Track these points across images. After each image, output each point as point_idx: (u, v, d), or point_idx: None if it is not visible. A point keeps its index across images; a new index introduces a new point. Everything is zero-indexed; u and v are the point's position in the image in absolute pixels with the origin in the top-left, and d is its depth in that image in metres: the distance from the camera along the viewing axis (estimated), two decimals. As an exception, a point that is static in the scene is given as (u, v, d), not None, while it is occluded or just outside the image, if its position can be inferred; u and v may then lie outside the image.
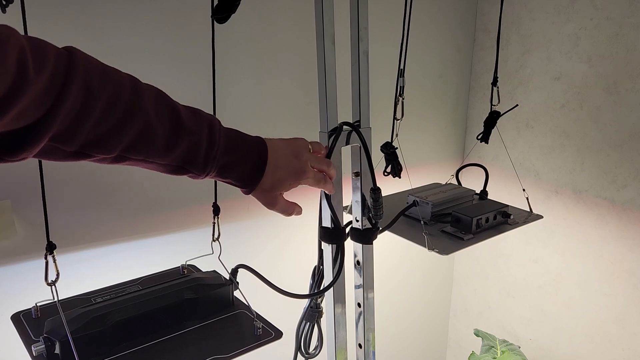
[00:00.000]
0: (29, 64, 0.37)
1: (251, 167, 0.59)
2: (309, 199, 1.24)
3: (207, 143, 0.54)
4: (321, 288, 0.83)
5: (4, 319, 0.78)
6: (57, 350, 0.66)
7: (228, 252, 0.89)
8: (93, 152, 0.46)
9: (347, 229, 0.79)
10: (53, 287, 0.66)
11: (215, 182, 0.83)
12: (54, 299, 0.65)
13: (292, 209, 0.65)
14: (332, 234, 0.77)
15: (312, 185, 0.65)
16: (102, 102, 0.44)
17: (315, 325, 0.89)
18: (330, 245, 0.78)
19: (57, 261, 0.67)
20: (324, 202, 0.77)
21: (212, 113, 0.81)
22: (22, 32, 0.62)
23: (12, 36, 0.36)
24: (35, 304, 0.77)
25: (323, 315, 0.88)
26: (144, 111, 0.48)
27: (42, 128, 0.40)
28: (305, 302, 0.90)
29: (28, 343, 0.68)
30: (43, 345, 0.66)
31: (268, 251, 1.22)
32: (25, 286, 0.89)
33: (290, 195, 0.64)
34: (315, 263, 0.86)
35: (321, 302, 0.89)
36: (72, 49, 0.43)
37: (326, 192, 0.72)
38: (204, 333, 0.74)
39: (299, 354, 0.90)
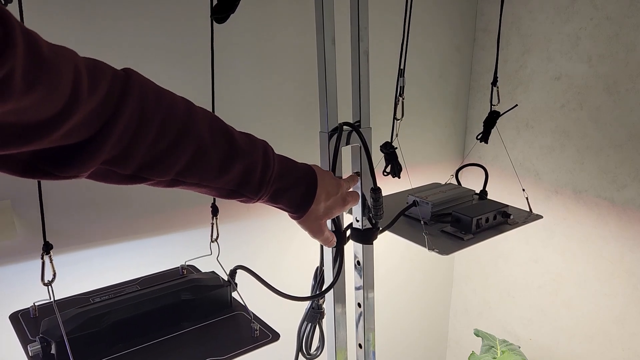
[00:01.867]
0: (83, 84, 0.38)
1: (303, 192, 0.59)
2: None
3: (262, 166, 0.54)
4: (323, 289, 0.83)
5: (3, 318, 0.78)
6: (53, 351, 0.66)
7: (229, 252, 0.89)
8: (148, 175, 0.46)
9: (348, 232, 0.79)
10: (49, 287, 0.65)
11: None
12: (50, 299, 0.65)
13: (333, 239, 0.68)
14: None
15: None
16: (157, 124, 0.44)
17: (317, 326, 0.89)
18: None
19: (55, 261, 0.67)
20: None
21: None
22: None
23: (70, 57, 0.37)
24: (33, 304, 0.77)
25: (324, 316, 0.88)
26: (198, 133, 0.48)
27: (94, 147, 0.40)
28: (305, 303, 0.90)
29: (25, 343, 0.68)
30: (39, 346, 0.65)
31: (269, 252, 1.22)
32: (25, 286, 0.89)
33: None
34: (316, 264, 0.86)
35: (323, 303, 0.88)
36: (129, 71, 0.44)
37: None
38: (201, 334, 0.74)
39: (300, 354, 0.90)
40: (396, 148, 1.04)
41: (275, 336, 0.74)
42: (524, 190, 1.13)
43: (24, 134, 0.35)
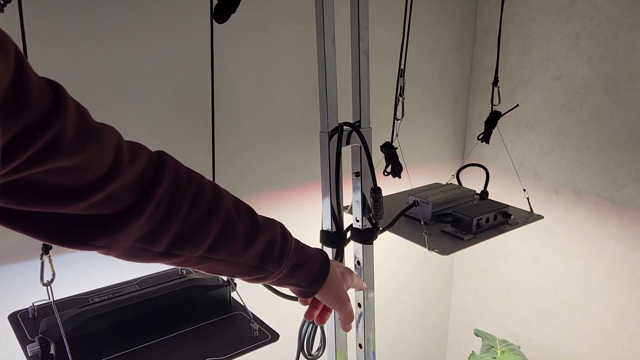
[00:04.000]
0: (124, 155, 0.41)
1: (320, 264, 0.61)
2: (310, 198, 1.24)
3: (281, 240, 0.57)
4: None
5: (3, 319, 0.78)
6: (52, 351, 0.66)
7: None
8: (180, 250, 0.48)
9: (348, 234, 0.79)
10: (49, 287, 0.65)
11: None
12: (49, 299, 0.65)
13: (353, 317, 0.69)
14: (332, 238, 0.77)
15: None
16: (189, 198, 0.47)
17: (318, 326, 0.89)
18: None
19: (55, 261, 0.67)
20: (326, 205, 0.77)
21: (211, 113, 0.80)
22: (19, 31, 0.62)
23: (114, 130, 0.42)
24: (32, 304, 0.77)
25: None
26: (225, 208, 0.51)
27: (130, 217, 0.43)
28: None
29: (24, 343, 0.68)
30: (38, 346, 0.65)
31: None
32: (24, 286, 0.89)
33: (289, 194, 0.64)
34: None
35: (323, 303, 0.88)
36: (163, 153, 0.48)
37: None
38: (200, 334, 0.74)
39: (301, 355, 0.89)
40: (396, 148, 1.03)
41: (274, 336, 0.74)
42: (524, 190, 1.13)
43: (69, 194, 0.38)
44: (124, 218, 0.42)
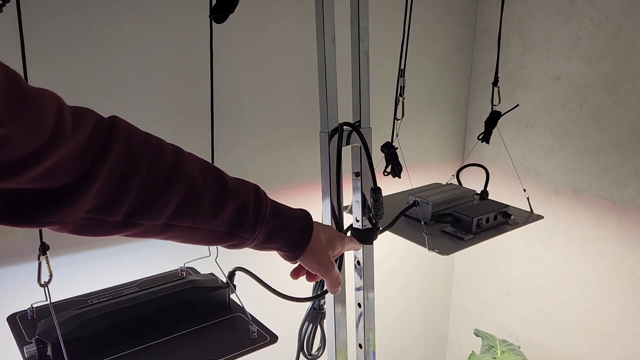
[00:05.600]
0: (67, 121, 0.37)
1: (300, 228, 0.58)
2: (310, 198, 1.23)
3: (255, 204, 0.54)
4: (324, 289, 0.83)
5: (2, 320, 0.77)
6: (49, 352, 0.65)
7: (228, 254, 0.88)
8: (139, 219, 0.45)
9: (348, 234, 0.78)
10: (46, 288, 0.65)
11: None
12: (47, 300, 0.64)
13: (339, 281, 0.66)
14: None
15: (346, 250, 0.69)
16: (145, 165, 0.44)
17: (318, 327, 0.89)
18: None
19: (54, 263, 0.67)
20: (326, 205, 0.76)
21: (210, 114, 0.80)
22: (18, 32, 0.61)
23: (54, 95, 0.37)
24: (31, 305, 0.77)
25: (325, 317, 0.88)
26: (188, 173, 0.48)
27: (79, 190, 0.39)
28: (306, 305, 0.90)
29: (21, 345, 0.68)
30: (35, 347, 0.65)
31: (269, 253, 1.21)
32: (23, 287, 0.88)
33: (289, 194, 0.64)
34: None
35: (324, 303, 0.88)
36: (115, 117, 0.44)
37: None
38: (198, 336, 0.74)
39: (301, 355, 0.89)
40: (396, 148, 1.03)
41: (273, 338, 0.74)
42: (524, 190, 1.13)
43: (7, 167, 0.34)
44: (72, 190, 0.39)
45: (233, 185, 0.52)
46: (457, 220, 0.96)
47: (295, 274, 0.66)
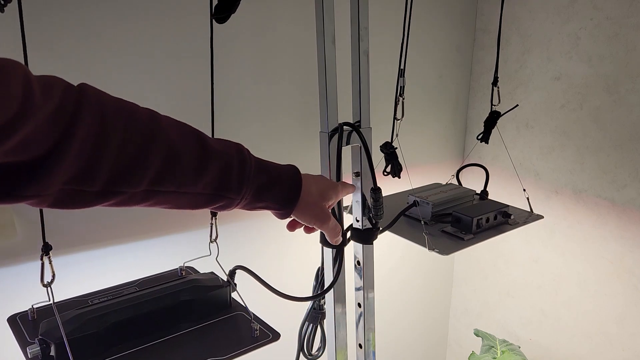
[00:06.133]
0: (35, 91, 0.36)
1: (289, 185, 0.57)
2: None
3: (239, 163, 0.52)
4: (324, 289, 0.83)
5: (2, 320, 0.77)
6: (52, 352, 0.65)
7: (228, 253, 0.89)
8: (119, 187, 0.44)
9: (348, 234, 0.78)
10: (49, 288, 0.65)
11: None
12: (49, 300, 0.64)
13: (339, 230, 0.64)
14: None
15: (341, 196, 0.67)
16: (120, 131, 0.42)
17: (318, 326, 0.89)
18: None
19: (54, 262, 0.67)
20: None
21: (210, 113, 0.80)
22: (19, 31, 0.61)
23: (18, 66, 0.36)
24: (32, 306, 0.77)
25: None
26: (165, 136, 0.46)
27: (53, 160, 0.38)
28: (306, 305, 0.90)
29: (24, 345, 0.68)
30: (38, 347, 0.65)
31: (269, 252, 1.22)
32: (24, 288, 0.89)
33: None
34: (316, 264, 0.86)
35: (324, 303, 0.88)
36: (84, 84, 0.42)
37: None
38: (200, 335, 0.74)
39: (301, 355, 0.89)
40: (396, 148, 1.03)
41: (275, 336, 0.74)
42: (524, 190, 1.13)
43: None
44: (46, 162, 0.38)
45: (214, 145, 0.51)
46: (457, 220, 0.96)
47: (291, 226, 0.64)
